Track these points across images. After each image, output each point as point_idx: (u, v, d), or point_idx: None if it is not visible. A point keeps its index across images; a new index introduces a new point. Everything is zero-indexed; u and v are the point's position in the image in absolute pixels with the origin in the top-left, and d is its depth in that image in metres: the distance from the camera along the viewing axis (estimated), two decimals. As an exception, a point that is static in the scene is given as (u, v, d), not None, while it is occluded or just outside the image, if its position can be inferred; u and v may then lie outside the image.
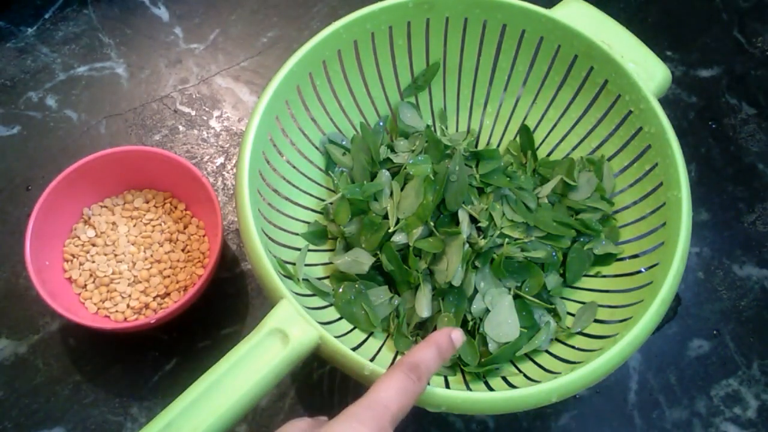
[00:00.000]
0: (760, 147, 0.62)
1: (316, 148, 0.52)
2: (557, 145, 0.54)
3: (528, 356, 0.45)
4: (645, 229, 0.47)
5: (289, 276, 0.44)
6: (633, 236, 0.48)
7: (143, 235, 0.53)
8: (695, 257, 0.57)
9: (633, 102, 0.48)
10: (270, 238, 0.44)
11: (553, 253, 0.48)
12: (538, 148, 0.54)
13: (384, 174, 0.50)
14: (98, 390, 0.49)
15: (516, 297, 0.47)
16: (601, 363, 0.37)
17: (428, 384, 0.35)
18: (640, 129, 0.47)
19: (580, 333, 0.45)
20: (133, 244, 0.52)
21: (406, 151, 0.52)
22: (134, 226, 0.53)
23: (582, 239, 0.49)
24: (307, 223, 0.50)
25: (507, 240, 0.47)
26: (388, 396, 0.31)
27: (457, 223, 0.47)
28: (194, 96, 0.63)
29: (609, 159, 0.51)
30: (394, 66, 0.53)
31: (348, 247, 0.48)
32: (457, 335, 0.37)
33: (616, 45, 0.48)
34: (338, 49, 0.49)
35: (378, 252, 0.47)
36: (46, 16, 0.66)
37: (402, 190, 0.49)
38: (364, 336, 0.45)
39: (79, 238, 0.52)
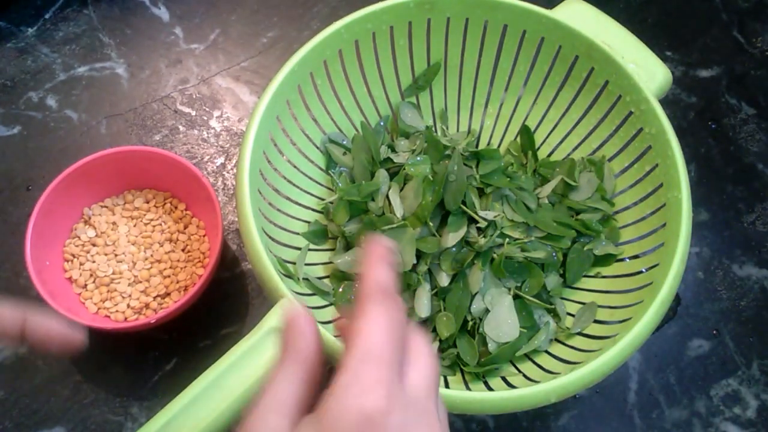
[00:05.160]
0: (760, 147, 0.62)
1: (317, 147, 0.52)
2: (558, 145, 0.54)
3: (527, 356, 0.45)
4: (645, 229, 0.47)
5: (289, 275, 0.44)
6: (633, 237, 0.48)
7: (143, 235, 0.53)
8: (695, 257, 0.57)
9: (633, 103, 0.48)
10: (270, 237, 0.44)
11: (553, 254, 0.48)
12: (538, 148, 0.54)
13: (381, 174, 0.50)
14: (98, 390, 0.49)
15: (516, 297, 0.47)
16: (601, 363, 0.37)
17: None
18: (641, 130, 0.47)
19: (580, 333, 0.45)
20: (133, 244, 0.52)
21: (407, 151, 0.52)
22: (134, 226, 0.53)
23: (582, 240, 0.49)
24: (308, 222, 0.50)
25: (507, 240, 0.47)
26: (382, 342, 0.25)
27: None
28: (194, 96, 0.63)
29: (609, 160, 0.51)
30: (395, 66, 0.53)
31: (348, 246, 0.49)
32: (384, 241, 0.30)
33: (617, 46, 0.48)
34: (339, 48, 0.49)
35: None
36: (47, 16, 0.66)
37: (402, 190, 0.49)
38: (365, 336, 0.45)
39: (79, 238, 0.52)
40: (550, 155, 0.54)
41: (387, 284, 0.28)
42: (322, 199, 0.51)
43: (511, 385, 0.42)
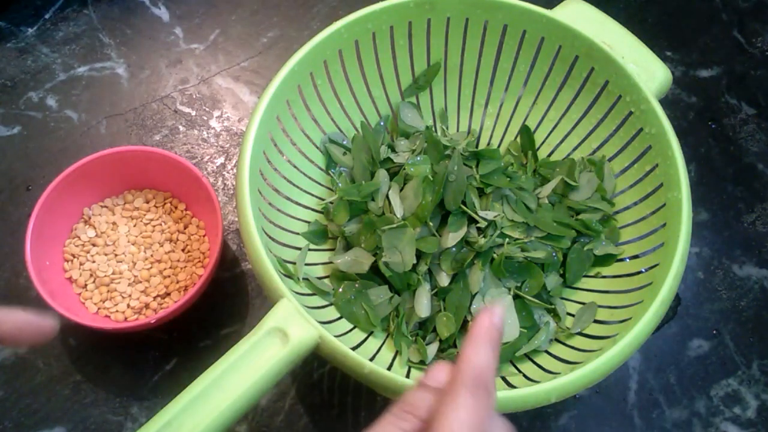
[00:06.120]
0: (760, 147, 0.62)
1: (317, 147, 0.52)
2: (558, 145, 0.54)
3: (527, 356, 0.45)
4: (645, 229, 0.47)
5: (289, 275, 0.44)
6: (633, 237, 0.48)
7: (143, 235, 0.53)
8: (695, 257, 0.57)
9: (634, 103, 0.48)
10: (270, 237, 0.44)
11: (553, 254, 0.48)
12: (538, 148, 0.54)
13: (381, 174, 0.50)
14: (98, 390, 0.50)
15: (516, 297, 0.47)
16: (601, 363, 0.37)
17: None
18: (641, 130, 0.47)
19: (580, 333, 0.45)
20: (133, 244, 0.52)
21: (407, 151, 0.52)
22: (134, 226, 0.53)
23: (582, 240, 0.49)
24: (308, 222, 0.50)
25: (507, 240, 0.47)
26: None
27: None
28: (194, 96, 0.63)
29: (610, 160, 0.51)
30: (395, 66, 0.53)
31: (348, 246, 0.49)
32: (498, 315, 0.29)
33: (617, 46, 0.48)
34: (339, 48, 0.49)
35: (377, 251, 0.47)
36: (47, 16, 0.66)
37: (402, 190, 0.49)
38: (364, 335, 0.45)
39: (79, 238, 0.52)
40: (550, 155, 0.54)
41: (485, 372, 0.27)
42: (322, 199, 0.51)
43: (511, 385, 0.42)
